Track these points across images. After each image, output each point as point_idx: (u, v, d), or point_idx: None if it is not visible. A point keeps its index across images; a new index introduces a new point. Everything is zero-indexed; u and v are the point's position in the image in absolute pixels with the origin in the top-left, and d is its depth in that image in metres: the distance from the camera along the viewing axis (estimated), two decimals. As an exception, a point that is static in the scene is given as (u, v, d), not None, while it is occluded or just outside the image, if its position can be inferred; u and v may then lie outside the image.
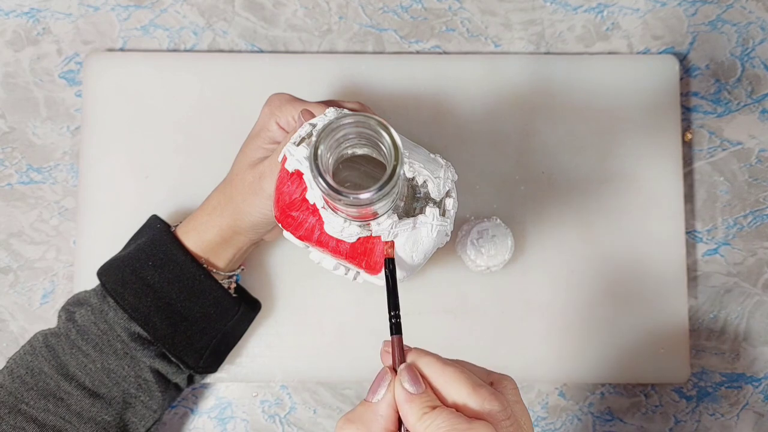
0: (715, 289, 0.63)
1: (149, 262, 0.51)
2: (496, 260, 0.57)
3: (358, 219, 0.40)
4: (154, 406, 0.52)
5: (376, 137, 0.37)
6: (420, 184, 0.42)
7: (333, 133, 0.36)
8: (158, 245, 0.52)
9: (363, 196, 0.35)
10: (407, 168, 0.41)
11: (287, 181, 0.43)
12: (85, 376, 0.50)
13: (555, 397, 0.61)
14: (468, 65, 0.63)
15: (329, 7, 0.64)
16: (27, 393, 0.49)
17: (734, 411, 0.62)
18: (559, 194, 0.62)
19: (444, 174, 0.42)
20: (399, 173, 0.35)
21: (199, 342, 0.52)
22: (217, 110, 0.62)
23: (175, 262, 0.51)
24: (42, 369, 0.49)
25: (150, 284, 0.50)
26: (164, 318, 0.50)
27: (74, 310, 0.51)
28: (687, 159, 0.64)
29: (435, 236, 0.42)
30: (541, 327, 0.60)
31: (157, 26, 0.64)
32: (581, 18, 0.65)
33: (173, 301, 0.51)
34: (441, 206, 0.42)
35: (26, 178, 0.62)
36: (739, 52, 0.65)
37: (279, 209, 0.43)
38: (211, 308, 0.52)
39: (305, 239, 0.43)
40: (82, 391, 0.49)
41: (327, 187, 0.35)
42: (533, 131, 0.62)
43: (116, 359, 0.50)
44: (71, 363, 0.50)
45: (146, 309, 0.50)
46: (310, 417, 0.61)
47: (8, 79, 0.63)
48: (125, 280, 0.51)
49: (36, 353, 0.50)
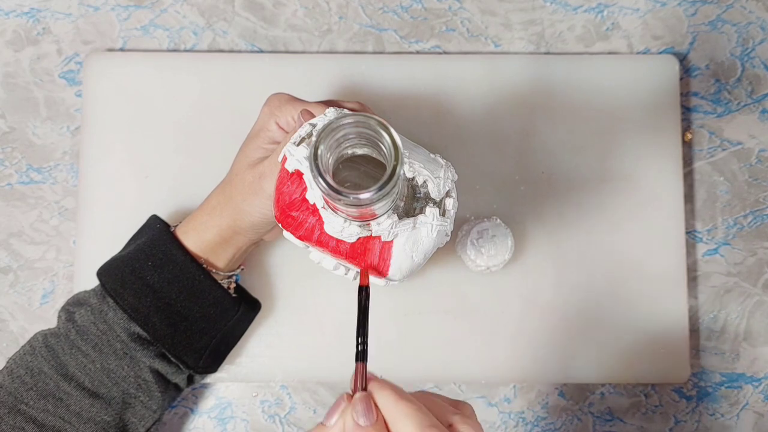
0: (715, 289, 0.63)
1: (149, 262, 0.51)
2: (496, 260, 0.57)
3: (358, 219, 0.40)
4: (154, 407, 0.52)
5: (376, 137, 0.36)
6: (420, 184, 0.42)
7: (333, 133, 0.36)
8: (158, 245, 0.51)
9: (363, 196, 0.35)
10: (407, 168, 0.41)
11: (287, 181, 0.43)
12: (85, 377, 0.50)
13: (555, 397, 0.61)
14: (468, 65, 0.63)
15: (329, 7, 0.64)
16: (26, 393, 0.49)
17: (734, 411, 0.62)
18: (559, 194, 0.62)
19: (444, 174, 0.42)
20: (399, 173, 0.35)
21: (199, 342, 0.52)
22: (217, 110, 0.62)
23: (174, 262, 0.51)
24: (42, 369, 0.49)
25: (149, 284, 0.50)
26: (164, 318, 0.50)
27: (74, 310, 0.51)
28: (687, 159, 0.64)
29: (435, 236, 0.42)
30: (541, 327, 0.60)
31: (157, 26, 0.64)
32: (581, 18, 0.65)
33: (173, 301, 0.51)
34: (441, 206, 0.42)
35: (26, 178, 0.62)
36: (739, 52, 0.65)
37: (279, 209, 0.43)
38: (211, 308, 0.52)
39: (305, 239, 0.43)
40: (82, 392, 0.49)
41: (327, 187, 0.35)
42: (533, 131, 0.62)
43: (116, 359, 0.50)
44: (71, 363, 0.50)
45: (146, 309, 0.50)
46: (310, 417, 0.61)
47: (8, 79, 0.63)
48: (125, 280, 0.51)
49: (36, 353, 0.50)
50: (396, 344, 0.60)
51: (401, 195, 0.41)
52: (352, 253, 0.42)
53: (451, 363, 0.60)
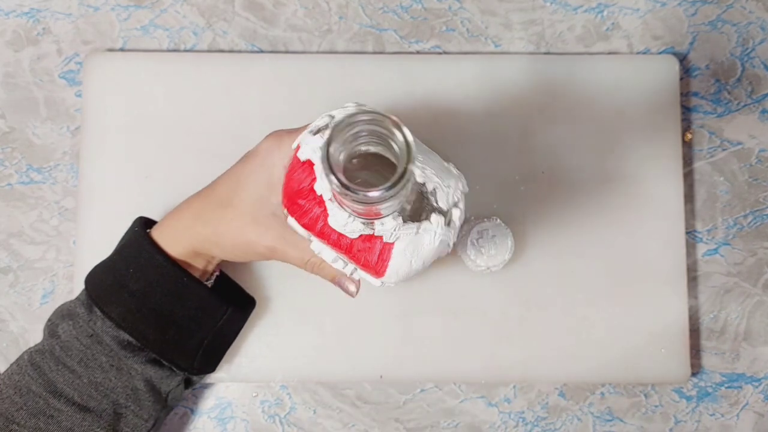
0: (715, 289, 0.63)
1: (130, 269, 0.50)
2: (496, 260, 0.57)
3: (363, 216, 0.40)
4: (145, 416, 0.51)
5: (389, 136, 0.36)
6: (429, 191, 0.42)
7: (347, 129, 0.36)
8: (137, 249, 0.51)
9: (371, 194, 0.35)
10: (419, 173, 0.41)
11: (298, 169, 0.43)
12: (74, 392, 0.49)
13: (555, 397, 0.61)
14: (468, 65, 0.63)
15: (329, 7, 0.64)
16: (17, 413, 0.49)
17: (734, 411, 0.62)
18: (559, 194, 0.62)
19: (455, 184, 0.42)
20: (409, 174, 0.35)
21: (189, 343, 0.52)
22: (217, 110, 0.62)
23: (154, 265, 0.50)
24: (30, 388, 0.49)
25: (132, 291, 0.50)
26: (151, 323, 0.50)
27: (58, 323, 0.51)
28: (687, 159, 0.64)
29: (437, 245, 0.42)
30: (541, 327, 0.60)
31: (157, 26, 0.64)
32: (581, 18, 0.65)
33: (158, 306, 0.50)
34: (447, 216, 0.42)
35: (26, 178, 0.62)
36: (739, 52, 0.65)
37: (286, 195, 0.43)
38: (198, 310, 0.51)
39: (308, 228, 0.43)
40: (72, 407, 0.49)
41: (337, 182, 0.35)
42: (533, 131, 0.62)
43: (102, 372, 0.50)
44: (58, 380, 0.49)
45: (132, 317, 0.49)
46: (310, 417, 0.61)
47: (8, 79, 0.63)
48: (108, 288, 0.50)
49: (23, 372, 0.50)
50: (396, 344, 0.60)
51: (409, 199, 0.41)
52: (352, 248, 0.42)
53: (451, 363, 0.60)
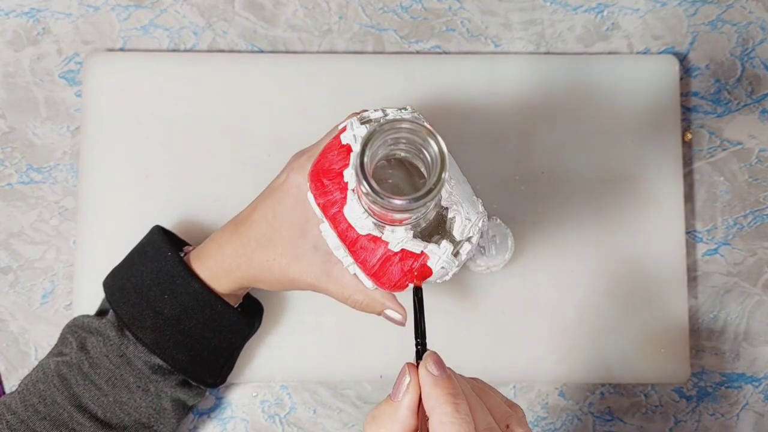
0: (715, 289, 0.63)
1: (164, 295, 0.50)
2: (496, 260, 0.57)
3: (378, 218, 0.40)
4: (167, 430, 0.53)
5: (424, 146, 0.37)
6: (449, 217, 0.42)
7: (388, 133, 0.37)
8: (171, 276, 0.51)
9: (396, 201, 0.36)
10: (446, 196, 0.42)
11: (335, 149, 0.43)
12: (98, 408, 0.50)
13: (555, 397, 0.61)
14: (468, 65, 0.63)
15: (329, 7, 0.64)
16: (40, 422, 0.49)
17: (734, 411, 0.62)
18: (559, 194, 0.62)
19: (475, 220, 0.43)
20: (438, 192, 0.36)
21: (218, 363, 0.53)
22: (218, 110, 0.62)
23: (189, 293, 0.50)
24: (54, 399, 0.50)
25: (166, 317, 0.50)
26: (184, 348, 0.51)
27: (86, 336, 0.51)
28: (687, 159, 0.64)
29: (437, 270, 0.43)
30: (541, 327, 0.60)
31: (157, 26, 0.64)
32: (581, 18, 0.65)
33: (191, 331, 0.51)
34: (457, 247, 0.43)
35: (26, 178, 0.62)
36: (739, 52, 0.65)
37: (315, 169, 0.43)
38: (229, 333, 0.52)
39: (323, 209, 0.43)
40: (95, 423, 0.50)
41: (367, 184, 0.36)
42: (533, 131, 0.62)
43: (128, 393, 0.50)
44: (84, 395, 0.50)
45: (165, 342, 0.50)
46: (310, 417, 0.61)
47: (8, 79, 0.63)
48: (142, 313, 0.50)
49: (48, 382, 0.50)
50: (396, 344, 0.60)
51: (427, 217, 0.41)
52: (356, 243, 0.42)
53: (450, 363, 0.60)
